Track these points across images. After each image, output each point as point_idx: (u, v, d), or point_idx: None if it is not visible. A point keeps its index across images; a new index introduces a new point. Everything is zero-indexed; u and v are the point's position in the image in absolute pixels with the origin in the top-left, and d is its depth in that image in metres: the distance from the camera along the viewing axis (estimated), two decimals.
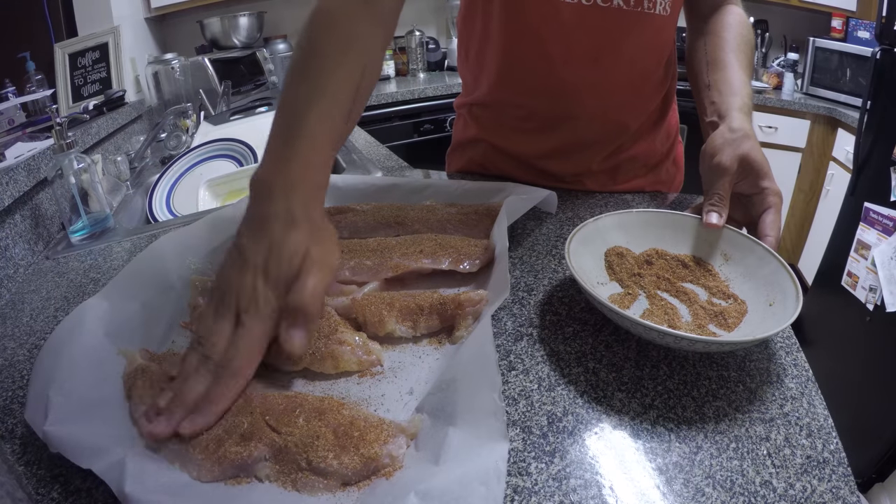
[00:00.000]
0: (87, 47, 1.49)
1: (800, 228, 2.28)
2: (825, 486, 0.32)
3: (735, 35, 0.65)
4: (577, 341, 0.45)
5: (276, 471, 0.34)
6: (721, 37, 0.65)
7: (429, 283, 0.54)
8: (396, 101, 2.21)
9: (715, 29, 0.67)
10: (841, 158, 2.00)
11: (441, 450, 0.32)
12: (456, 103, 0.86)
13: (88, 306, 0.45)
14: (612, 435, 0.36)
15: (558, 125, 0.72)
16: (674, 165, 0.83)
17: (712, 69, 0.63)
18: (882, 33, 1.42)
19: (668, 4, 0.65)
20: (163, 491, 0.31)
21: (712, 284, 0.50)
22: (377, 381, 0.42)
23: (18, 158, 0.79)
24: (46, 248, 0.79)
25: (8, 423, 0.40)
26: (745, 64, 0.63)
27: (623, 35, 0.64)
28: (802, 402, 0.39)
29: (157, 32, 2.18)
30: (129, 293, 0.47)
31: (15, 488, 0.33)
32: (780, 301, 0.44)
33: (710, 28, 0.68)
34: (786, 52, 2.42)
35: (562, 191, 0.73)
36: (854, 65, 2.01)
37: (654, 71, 0.72)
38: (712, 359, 0.43)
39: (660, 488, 0.32)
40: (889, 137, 1.39)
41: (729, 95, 0.58)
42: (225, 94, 1.50)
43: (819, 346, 1.65)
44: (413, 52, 2.53)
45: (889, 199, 1.37)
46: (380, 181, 0.72)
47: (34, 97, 1.25)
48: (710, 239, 0.53)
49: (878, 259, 1.38)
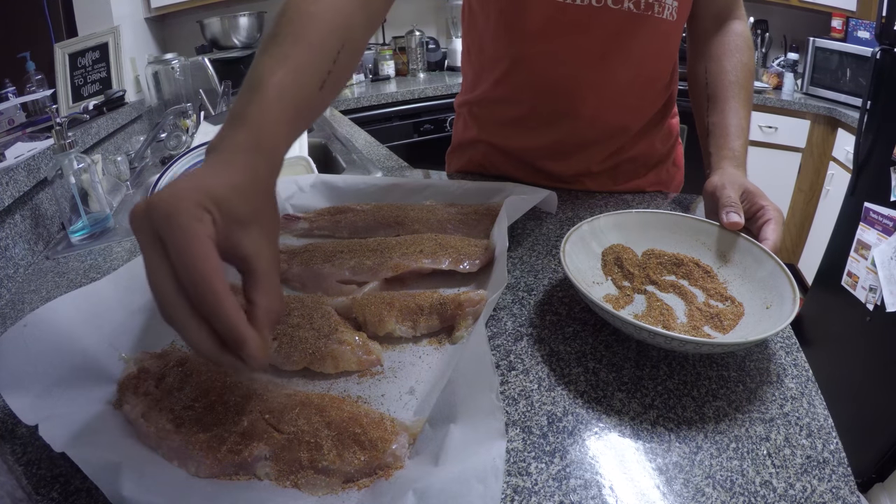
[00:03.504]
0: (87, 47, 1.48)
1: (800, 228, 2.28)
2: (825, 486, 0.32)
3: (736, 64, 0.67)
4: (577, 341, 0.45)
5: (276, 470, 0.34)
6: (722, 66, 0.67)
7: (429, 283, 0.54)
8: (396, 101, 2.21)
9: (716, 54, 0.69)
10: (841, 158, 2.00)
11: (440, 450, 0.32)
12: (456, 102, 0.86)
13: (95, 291, 0.45)
14: (612, 435, 0.36)
15: (559, 124, 0.72)
16: (674, 166, 0.83)
17: (712, 108, 0.66)
18: (882, 33, 1.42)
19: (675, 10, 0.65)
20: (162, 490, 0.31)
21: (710, 286, 0.50)
22: (377, 381, 0.42)
23: (18, 158, 0.79)
24: (46, 248, 0.79)
25: (8, 424, 0.40)
26: (744, 98, 0.65)
27: (631, 37, 0.65)
28: (802, 402, 0.39)
29: (157, 32, 2.18)
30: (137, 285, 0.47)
31: (15, 488, 0.33)
32: (777, 304, 0.44)
33: (712, 52, 0.70)
34: (786, 52, 2.42)
35: (562, 191, 0.73)
36: (854, 65, 2.01)
37: (659, 75, 0.72)
38: (712, 359, 0.43)
39: (660, 488, 0.32)
40: (889, 137, 1.39)
41: (724, 148, 0.62)
42: (225, 94, 1.50)
43: (819, 346, 1.65)
44: (413, 52, 2.53)
45: (889, 199, 1.37)
46: (380, 181, 0.72)
47: (34, 97, 1.25)
48: (709, 240, 0.53)
49: (878, 259, 1.38)
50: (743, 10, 0.72)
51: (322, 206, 0.69)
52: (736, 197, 0.53)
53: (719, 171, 0.59)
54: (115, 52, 1.53)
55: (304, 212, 0.68)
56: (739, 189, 0.54)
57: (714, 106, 0.66)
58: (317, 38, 0.43)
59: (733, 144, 0.62)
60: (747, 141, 0.63)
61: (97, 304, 0.45)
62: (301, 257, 0.56)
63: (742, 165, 0.60)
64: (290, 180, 0.71)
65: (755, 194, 0.54)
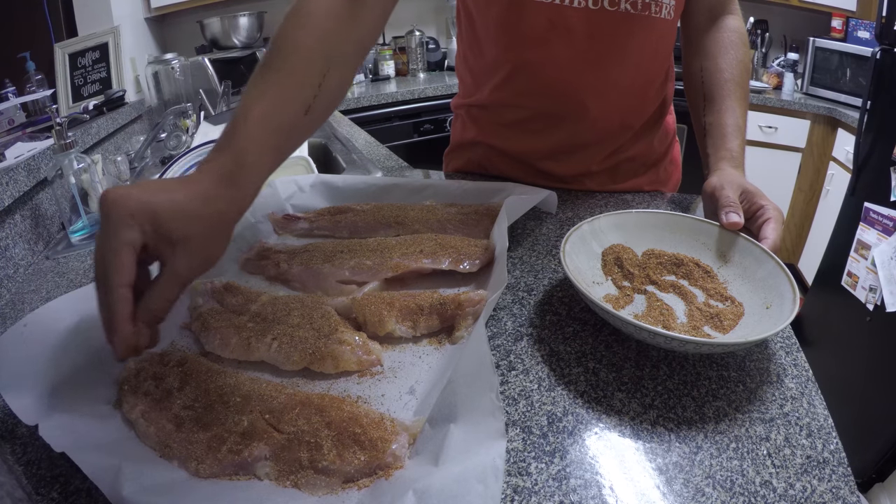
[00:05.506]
0: (87, 47, 1.48)
1: (800, 228, 2.28)
2: (825, 486, 0.32)
3: (731, 61, 0.67)
4: (577, 341, 0.45)
5: (276, 470, 0.34)
6: (717, 64, 0.67)
7: (429, 283, 0.54)
8: (396, 101, 2.21)
9: (712, 51, 0.69)
10: (841, 158, 2.00)
11: (440, 450, 0.32)
12: (453, 104, 0.86)
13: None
14: (612, 435, 0.36)
15: (560, 126, 0.72)
16: (671, 164, 0.83)
17: (709, 108, 0.66)
18: (882, 33, 1.42)
19: (672, 8, 0.65)
20: (162, 490, 0.31)
21: (710, 286, 0.50)
22: (377, 381, 0.42)
23: (18, 158, 0.79)
24: (46, 248, 0.79)
25: (8, 424, 0.40)
26: (741, 96, 0.65)
27: (628, 38, 0.65)
28: (802, 402, 0.39)
29: (157, 32, 2.18)
30: None
31: (15, 488, 0.33)
32: (777, 304, 0.44)
33: (707, 49, 0.69)
34: (786, 52, 2.42)
35: (562, 191, 0.73)
36: (854, 65, 2.01)
37: (657, 74, 0.72)
38: (712, 359, 0.43)
39: (660, 488, 0.32)
40: (889, 137, 1.39)
41: (722, 148, 0.62)
42: (225, 94, 1.50)
43: (819, 346, 1.65)
44: (413, 52, 2.53)
45: (889, 199, 1.37)
46: (380, 181, 0.72)
47: (34, 97, 1.25)
48: (709, 240, 0.53)
49: (878, 259, 1.38)
50: (737, 5, 0.72)
51: (322, 206, 0.69)
52: (735, 197, 0.53)
53: (717, 171, 0.59)
54: (115, 52, 1.53)
55: (304, 212, 0.68)
56: (738, 189, 0.54)
57: (711, 105, 0.66)
58: (300, 66, 0.46)
59: (731, 145, 0.61)
60: (745, 140, 0.63)
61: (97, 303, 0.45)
62: (301, 257, 0.56)
63: (740, 165, 0.60)
64: (290, 180, 0.71)
65: (754, 194, 0.54)
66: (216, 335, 0.45)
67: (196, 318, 0.48)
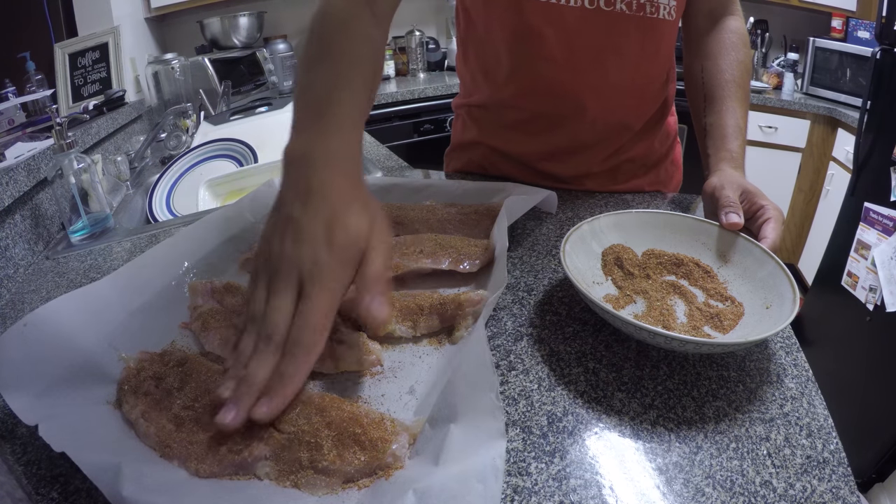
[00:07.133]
0: (87, 47, 1.49)
1: (800, 228, 2.28)
2: (825, 486, 0.32)
3: (732, 62, 0.67)
4: (577, 341, 0.45)
5: (276, 470, 0.34)
6: (718, 65, 0.67)
7: (429, 283, 0.54)
8: (396, 101, 2.21)
9: (712, 52, 0.69)
10: (841, 158, 2.00)
11: (440, 450, 0.32)
12: (454, 104, 0.86)
13: (95, 291, 0.45)
14: (612, 435, 0.36)
15: (560, 127, 0.72)
16: (672, 165, 0.83)
17: (709, 108, 0.66)
18: (882, 33, 1.42)
19: (672, 9, 0.65)
20: (162, 490, 0.31)
21: (710, 287, 0.50)
22: (377, 381, 0.42)
23: (18, 158, 0.79)
24: (46, 248, 0.79)
25: (8, 424, 0.40)
26: (741, 97, 0.65)
27: (625, 39, 0.65)
28: (802, 402, 0.39)
29: (157, 32, 2.18)
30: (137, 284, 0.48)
31: (15, 488, 0.33)
32: (777, 304, 0.44)
33: (708, 50, 0.69)
34: (786, 52, 2.42)
35: (562, 191, 0.73)
36: (854, 65, 2.01)
37: (657, 75, 0.72)
38: (712, 359, 0.43)
39: (660, 488, 0.32)
40: (889, 137, 1.39)
41: (722, 149, 0.62)
42: (225, 94, 1.50)
43: (819, 346, 1.65)
44: (413, 52, 2.53)
45: (889, 199, 1.37)
46: (380, 181, 0.72)
47: (34, 97, 1.25)
48: (709, 240, 0.53)
49: (878, 259, 1.38)
50: (738, 6, 0.72)
51: None
52: (735, 197, 0.53)
53: (718, 172, 0.59)
54: (115, 52, 1.53)
55: None
56: (738, 189, 0.54)
57: (711, 106, 0.66)
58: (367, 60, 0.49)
59: (731, 145, 0.62)
60: (745, 141, 0.63)
61: (97, 304, 0.45)
62: None
63: (740, 166, 0.60)
64: None
65: (754, 194, 0.54)
66: (216, 335, 0.45)
67: (196, 318, 0.48)
